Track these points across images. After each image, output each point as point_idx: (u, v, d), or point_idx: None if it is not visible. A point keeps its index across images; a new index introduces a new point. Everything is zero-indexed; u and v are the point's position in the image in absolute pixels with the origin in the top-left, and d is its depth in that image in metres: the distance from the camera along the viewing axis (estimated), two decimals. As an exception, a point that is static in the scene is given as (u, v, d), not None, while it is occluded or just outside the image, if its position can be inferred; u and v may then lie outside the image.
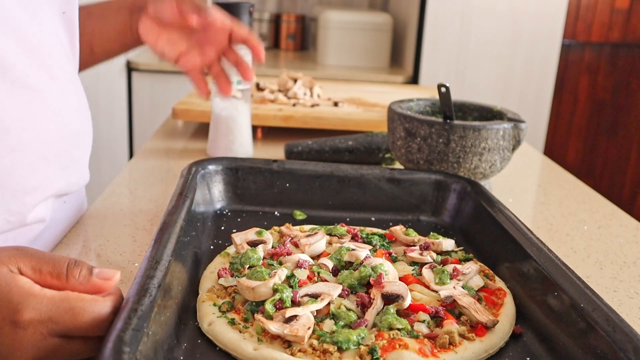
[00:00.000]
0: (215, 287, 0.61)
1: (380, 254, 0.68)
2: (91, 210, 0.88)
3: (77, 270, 0.48)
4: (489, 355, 0.54)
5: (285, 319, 0.53)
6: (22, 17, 0.65)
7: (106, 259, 0.72)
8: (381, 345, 0.51)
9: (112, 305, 0.47)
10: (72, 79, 0.75)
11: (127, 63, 2.36)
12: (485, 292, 0.63)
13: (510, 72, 2.43)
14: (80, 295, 0.46)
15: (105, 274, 0.49)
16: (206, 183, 0.82)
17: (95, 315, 0.45)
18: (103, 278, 0.49)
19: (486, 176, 0.94)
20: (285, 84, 1.49)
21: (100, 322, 0.46)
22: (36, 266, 0.48)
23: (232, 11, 1.03)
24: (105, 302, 0.46)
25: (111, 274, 0.49)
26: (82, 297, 0.46)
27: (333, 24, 2.55)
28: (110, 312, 0.46)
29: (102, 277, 0.49)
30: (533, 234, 0.67)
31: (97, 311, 0.46)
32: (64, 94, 0.72)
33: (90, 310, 0.45)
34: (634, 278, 0.77)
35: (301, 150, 1.15)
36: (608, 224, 0.95)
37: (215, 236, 0.75)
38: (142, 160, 1.12)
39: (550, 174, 1.24)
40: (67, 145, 0.72)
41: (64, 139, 0.71)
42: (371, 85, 1.80)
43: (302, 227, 0.76)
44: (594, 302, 0.52)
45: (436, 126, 0.90)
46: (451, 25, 2.36)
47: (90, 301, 0.46)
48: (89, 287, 0.48)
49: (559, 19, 2.38)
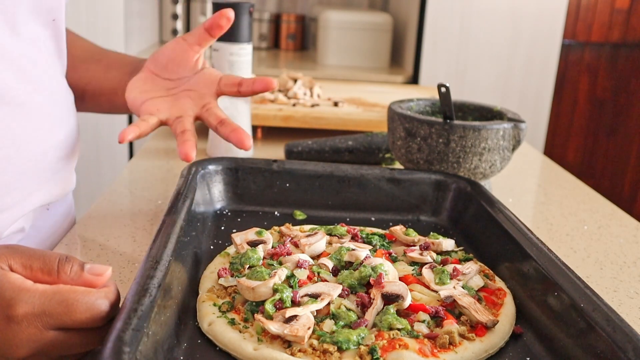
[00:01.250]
0: (215, 287, 0.61)
1: (380, 254, 0.68)
2: (91, 210, 0.87)
3: (69, 266, 0.48)
4: (489, 355, 0.54)
5: (285, 319, 0.53)
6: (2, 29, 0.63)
7: (106, 259, 0.72)
8: (381, 345, 0.51)
9: (106, 297, 0.47)
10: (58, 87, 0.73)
11: (127, 63, 2.36)
12: (485, 292, 0.63)
13: (510, 72, 2.43)
14: (73, 287, 0.46)
15: (96, 269, 0.49)
16: (206, 183, 0.82)
17: (89, 306, 0.45)
18: (94, 274, 0.49)
19: (486, 176, 0.94)
20: (285, 84, 1.49)
21: (94, 313, 0.45)
22: (27, 263, 0.48)
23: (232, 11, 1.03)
24: (99, 293, 0.46)
25: (102, 269, 0.49)
26: (75, 289, 0.46)
27: (333, 24, 2.55)
28: (104, 304, 0.46)
29: (93, 273, 0.49)
30: (533, 234, 0.67)
31: (91, 302, 0.45)
32: (48, 105, 0.70)
33: (84, 301, 0.45)
34: (634, 278, 0.77)
35: (301, 150, 1.15)
36: (608, 224, 0.95)
37: (215, 236, 0.75)
38: (142, 160, 1.12)
39: (550, 174, 1.24)
40: (50, 158, 0.70)
41: (47, 152, 0.69)
42: (371, 85, 1.80)
43: (302, 227, 0.76)
44: (594, 302, 0.52)
45: (436, 126, 0.90)
46: (451, 25, 2.36)
47: (84, 293, 0.46)
48: (81, 283, 0.48)
49: (559, 19, 2.38)
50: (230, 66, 1.05)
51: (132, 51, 2.45)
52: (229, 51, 1.05)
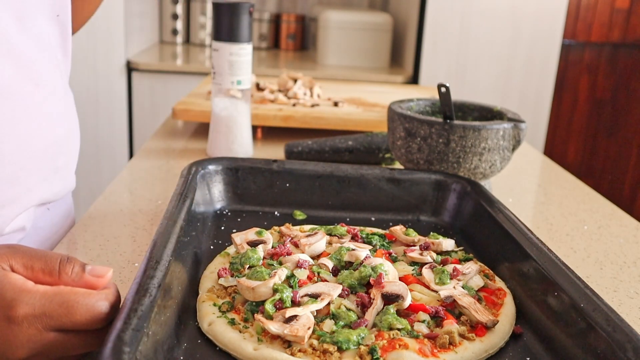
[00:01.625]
0: (215, 287, 0.61)
1: (380, 254, 0.68)
2: (91, 210, 0.87)
3: (70, 267, 0.48)
4: (489, 355, 0.54)
5: (285, 319, 0.53)
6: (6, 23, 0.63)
7: (106, 259, 0.72)
8: (381, 345, 0.51)
9: (106, 298, 0.47)
10: (60, 84, 0.73)
11: (127, 63, 2.36)
12: (485, 292, 0.63)
13: (510, 72, 2.43)
14: (74, 289, 0.46)
15: (97, 271, 0.49)
16: (206, 183, 0.82)
17: (89, 308, 0.45)
18: (95, 275, 0.49)
19: (486, 176, 0.94)
20: (285, 84, 1.49)
21: (94, 315, 0.46)
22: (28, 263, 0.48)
23: (232, 11, 1.03)
24: (99, 295, 0.46)
25: (104, 271, 0.49)
26: (76, 291, 0.46)
27: (333, 24, 2.55)
28: (104, 306, 0.46)
29: (94, 275, 0.49)
30: (533, 234, 0.67)
31: (91, 304, 0.45)
32: (50, 102, 0.70)
33: (84, 303, 0.45)
34: (634, 278, 0.77)
35: (301, 150, 1.15)
36: (608, 224, 0.95)
37: (215, 236, 0.75)
38: (142, 160, 1.12)
39: (550, 174, 1.24)
40: (50, 154, 0.70)
41: (47, 148, 0.69)
42: (371, 85, 1.80)
43: (302, 227, 0.76)
44: (594, 302, 0.52)
45: (436, 126, 0.90)
46: (451, 25, 2.36)
47: (84, 295, 0.46)
48: (82, 284, 0.48)
49: (559, 19, 2.38)
50: (230, 66, 1.05)
51: (132, 51, 2.46)
52: (229, 51, 1.05)
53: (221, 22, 1.04)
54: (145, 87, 2.39)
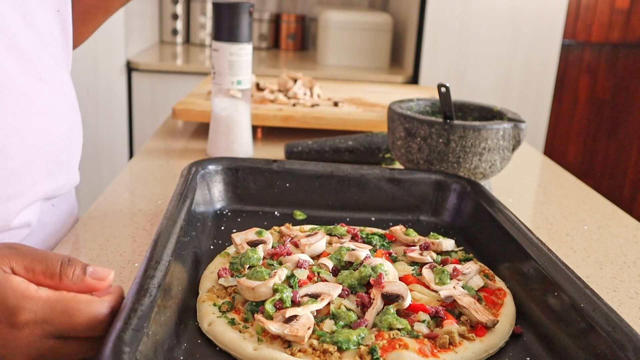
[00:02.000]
0: (215, 287, 0.61)
1: (380, 254, 0.68)
2: (91, 210, 0.88)
3: (71, 270, 0.48)
4: (489, 355, 0.54)
5: (285, 319, 0.53)
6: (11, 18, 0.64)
7: (106, 259, 0.72)
8: (381, 345, 0.51)
9: (109, 305, 0.46)
10: (63, 80, 0.74)
11: (127, 63, 2.36)
12: (485, 292, 0.63)
13: (510, 72, 2.43)
14: (76, 296, 0.46)
15: (99, 273, 0.49)
16: (206, 183, 0.82)
17: (90, 316, 0.45)
18: (97, 278, 0.49)
19: (486, 176, 0.94)
20: (285, 84, 1.49)
21: (95, 323, 0.45)
22: (29, 265, 0.47)
23: (232, 11, 1.03)
24: (102, 302, 0.46)
25: (105, 273, 0.49)
26: (78, 297, 0.46)
27: (333, 24, 2.55)
28: (106, 313, 0.46)
29: (95, 277, 0.49)
30: (533, 234, 0.67)
31: (93, 312, 0.45)
32: (53, 97, 0.70)
33: (86, 311, 0.45)
34: (634, 278, 0.77)
35: (301, 150, 1.15)
36: (608, 224, 0.95)
37: (215, 236, 0.75)
38: (142, 160, 1.12)
39: (550, 174, 1.24)
40: (54, 148, 0.70)
41: (51, 142, 0.69)
42: (371, 85, 1.80)
43: (302, 227, 0.76)
44: (594, 302, 0.52)
45: (436, 126, 0.90)
46: (451, 25, 2.36)
47: (86, 302, 0.46)
48: (83, 287, 0.48)
49: (559, 19, 2.38)
50: (230, 66, 1.05)
51: (132, 51, 2.46)
52: (229, 51, 1.05)
53: (221, 22, 1.04)
54: (145, 87, 2.39)
